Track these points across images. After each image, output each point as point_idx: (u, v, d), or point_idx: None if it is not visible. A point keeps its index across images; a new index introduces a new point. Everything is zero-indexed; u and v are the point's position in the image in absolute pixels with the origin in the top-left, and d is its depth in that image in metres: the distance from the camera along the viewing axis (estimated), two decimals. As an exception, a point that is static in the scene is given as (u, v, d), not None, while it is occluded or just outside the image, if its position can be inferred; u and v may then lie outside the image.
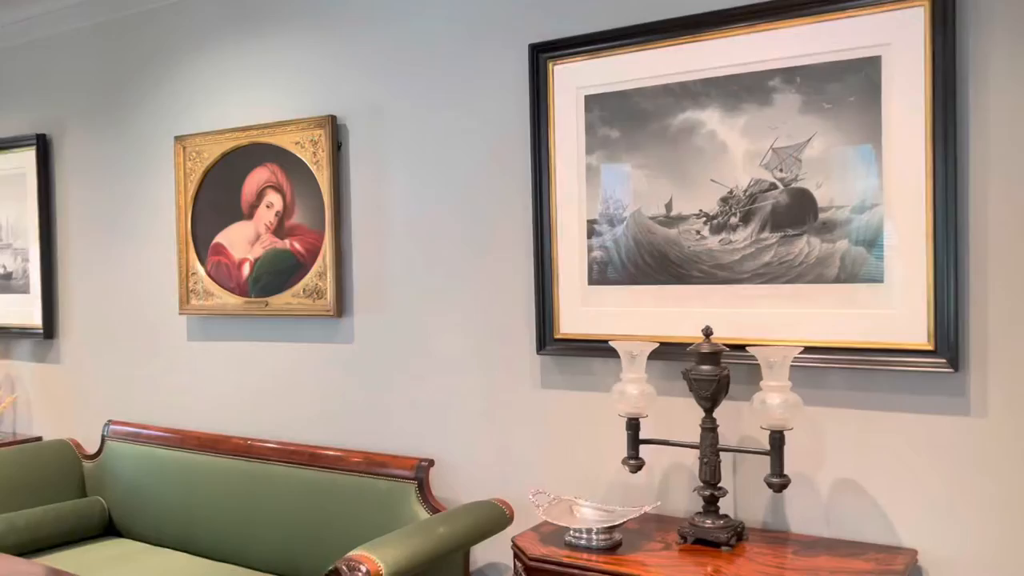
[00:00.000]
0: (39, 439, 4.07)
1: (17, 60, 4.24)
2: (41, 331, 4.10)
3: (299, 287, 3.25)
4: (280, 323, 3.37)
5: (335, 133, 3.14)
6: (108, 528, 3.63)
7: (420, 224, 3.00)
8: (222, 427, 3.52)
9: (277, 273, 3.32)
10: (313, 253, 3.21)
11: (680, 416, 2.48)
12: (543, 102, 2.66)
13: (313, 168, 3.18)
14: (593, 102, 2.58)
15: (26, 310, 4.19)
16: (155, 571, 3.08)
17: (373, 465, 2.95)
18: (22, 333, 4.20)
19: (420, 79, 2.98)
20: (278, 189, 3.31)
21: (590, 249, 2.60)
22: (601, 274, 2.59)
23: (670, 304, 2.47)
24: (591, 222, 2.60)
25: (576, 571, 2.11)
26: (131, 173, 3.81)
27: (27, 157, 4.11)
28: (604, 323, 2.58)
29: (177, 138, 3.54)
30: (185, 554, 3.32)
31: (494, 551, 2.82)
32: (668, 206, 2.47)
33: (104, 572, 3.02)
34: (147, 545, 3.45)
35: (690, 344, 2.28)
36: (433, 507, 2.76)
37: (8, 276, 4.27)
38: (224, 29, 3.48)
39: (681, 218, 2.45)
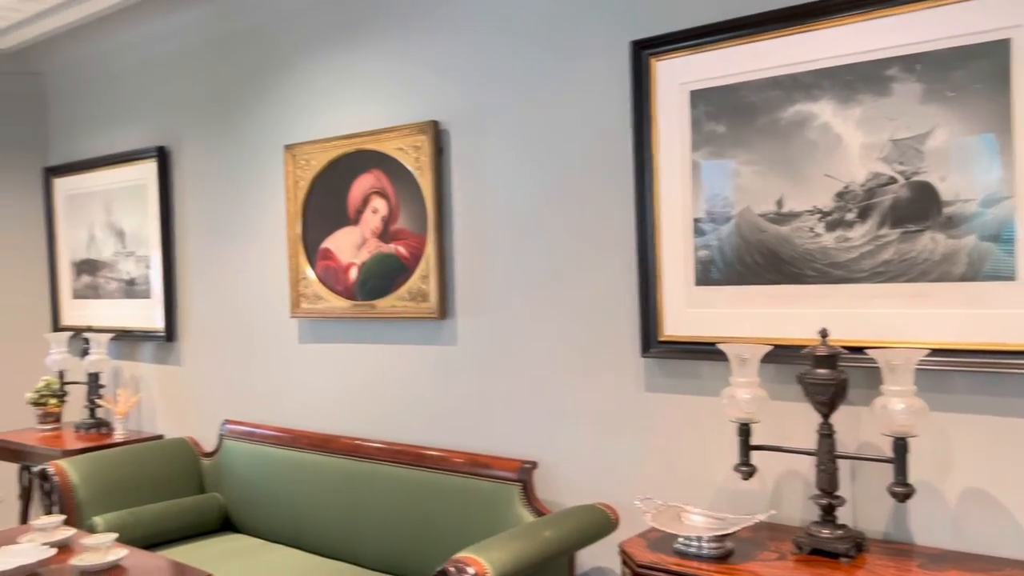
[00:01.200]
0: (160, 437, 4.28)
1: (138, 77, 4.48)
2: (163, 334, 4.31)
3: (403, 290, 3.30)
4: (386, 325, 3.43)
5: (437, 138, 3.17)
6: (225, 523, 3.78)
7: (521, 226, 3.00)
8: (331, 427, 3.61)
9: (382, 276, 3.38)
10: (417, 256, 3.26)
11: (794, 421, 2.39)
12: (645, 99, 2.61)
13: (416, 173, 3.23)
14: (698, 97, 2.52)
15: (148, 314, 4.42)
16: (270, 567, 3.19)
17: (477, 466, 2.97)
18: (145, 336, 4.43)
19: (519, 81, 2.98)
20: (383, 194, 3.37)
21: (696, 248, 2.54)
22: (707, 274, 2.52)
23: (782, 305, 2.39)
24: (697, 221, 2.54)
25: (686, 579, 2.06)
26: (243, 181, 3.96)
27: (148, 169, 4.33)
28: (711, 325, 2.52)
29: (287, 147, 3.66)
30: (298, 551, 3.42)
31: (598, 556, 2.79)
32: (779, 203, 2.39)
33: (222, 566, 3.14)
34: (262, 541, 3.58)
35: (804, 347, 2.19)
36: (537, 510, 2.75)
37: (132, 282, 4.51)
38: (329, 40, 3.57)
39: (793, 215, 2.36)
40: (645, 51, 2.61)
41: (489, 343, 3.10)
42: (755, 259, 2.43)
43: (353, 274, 3.49)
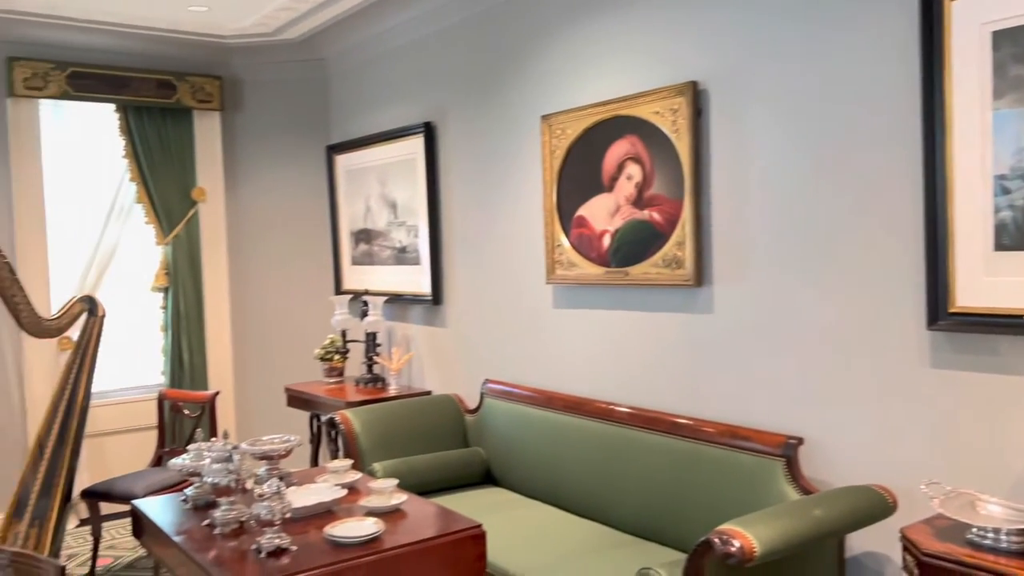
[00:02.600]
0: (429, 393, 4.61)
1: (406, 58, 4.79)
2: (430, 298, 4.63)
3: (658, 257, 3.27)
4: (639, 292, 3.42)
5: (695, 99, 3.08)
6: (486, 477, 4.00)
7: (785, 187, 2.84)
8: (584, 390, 3.68)
9: (636, 243, 3.37)
10: (672, 223, 3.20)
11: (1119, 407, 2.07)
12: (937, 44, 2.35)
13: (672, 137, 3.16)
14: (1002, 38, 2.22)
15: (417, 279, 4.76)
16: (530, 522, 3.33)
17: (736, 438, 2.88)
18: (415, 300, 4.78)
19: (784, 34, 2.80)
20: (637, 160, 3.34)
21: (997, 209, 2.26)
22: (1012, 238, 2.23)
23: (1107, 273, 2.06)
24: (999, 178, 2.25)
25: (981, 574, 1.87)
26: (502, 153, 4.11)
27: (416, 143, 4.63)
28: (1014, 295, 2.23)
29: (543, 117, 3.74)
30: (553, 508, 3.54)
31: (871, 540, 2.61)
32: (1106, 155, 2.05)
33: (486, 518, 3.30)
34: (520, 496, 3.75)
35: None
36: (803, 488, 2.62)
37: (403, 250, 4.87)
38: (583, 7, 3.58)
39: (1125, 169, 2.02)
40: (937, -10, 2.34)
41: (749, 312, 2.99)
42: (1073, 220, 2.11)
43: (606, 241, 3.51)
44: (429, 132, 4.55)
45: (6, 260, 3.92)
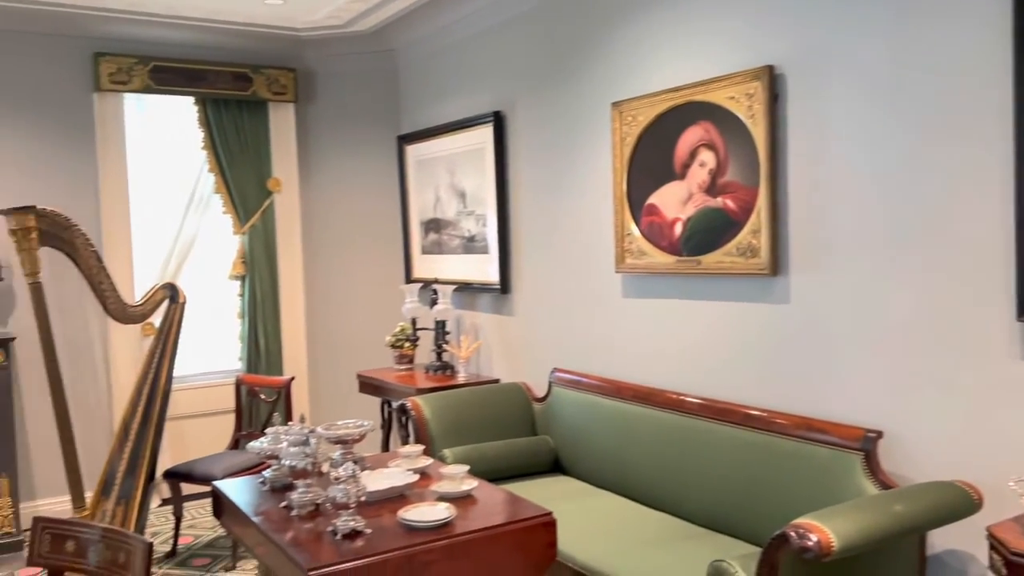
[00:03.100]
0: (497, 381, 4.64)
1: (475, 48, 4.80)
2: (498, 287, 4.65)
3: (731, 245, 3.21)
4: (711, 282, 3.37)
5: (772, 84, 3.01)
6: (554, 465, 4.00)
7: (867, 175, 2.75)
8: (653, 380, 3.65)
9: (709, 232, 3.32)
10: (746, 210, 3.14)
11: None
12: (1032, 22, 2.24)
13: (748, 123, 3.10)
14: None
15: (485, 268, 4.78)
16: (600, 511, 3.33)
17: (812, 431, 2.82)
18: (483, 288, 4.80)
19: (867, 14, 2.71)
20: (711, 147, 3.29)
21: (1096, 195, 2.15)
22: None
23: None
24: (1098, 162, 2.14)
25: (1075, 577, 1.79)
26: (571, 141, 4.09)
27: (485, 133, 4.64)
28: (1114, 285, 2.12)
29: (614, 104, 3.70)
30: (622, 498, 3.53)
31: (954, 538, 2.53)
32: None
33: (555, 506, 3.30)
34: (588, 485, 3.74)
35: None
36: (883, 483, 2.55)
37: (472, 239, 4.90)
38: (657, -8, 3.54)
39: None
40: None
41: (827, 302, 2.91)
42: None
43: (678, 229, 3.47)
44: (498, 121, 4.56)
45: (94, 249, 4.09)
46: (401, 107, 5.65)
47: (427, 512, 2.53)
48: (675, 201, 3.48)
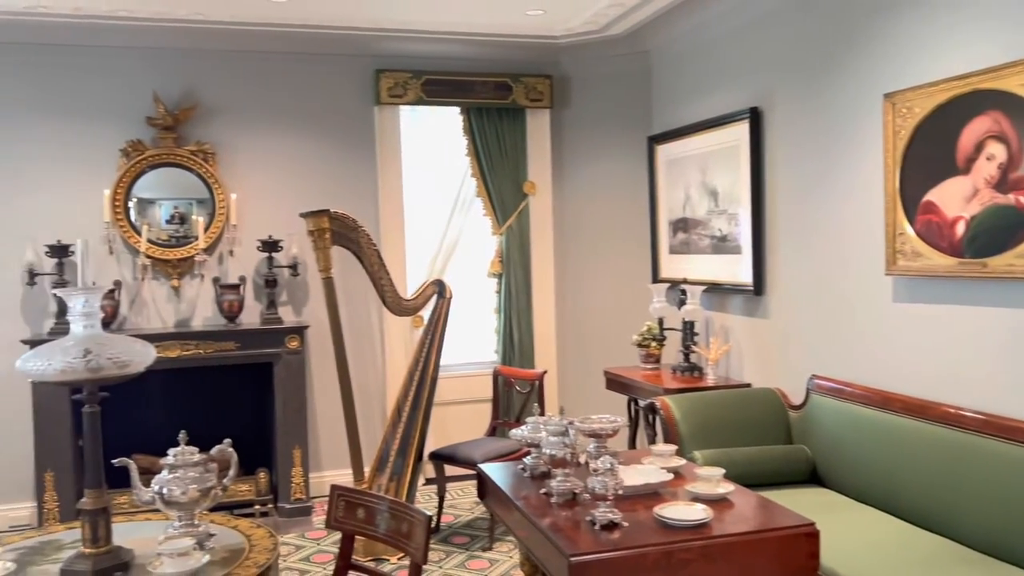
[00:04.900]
0: (748, 386, 4.53)
1: (729, 44, 4.71)
2: (751, 288, 4.53)
3: (1024, 247, 2.90)
4: (999, 286, 3.06)
5: (1081, 67, 2.68)
6: (811, 476, 3.84)
7: None
8: (926, 392, 3.38)
9: (997, 231, 3.02)
10: (1045, 208, 2.82)
11: None
12: None
13: (1049, 111, 2.78)
14: None
15: (736, 268, 4.68)
16: (865, 528, 3.15)
17: None
18: (734, 289, 4.71)
19: None
20: (1001, 139, 2.99)
21: None
22: None
23: None
24: None
25: None
26: (835, 135, 3.90)
27: (740, 130, 4.54)
28: None
29: (886, 95, 3.48)
30: (888, 514, 3.31)
31: None
32: None
33: (814, 517, 3.18)
34: (849, 499, 3.55)
35: None
36: None
37: (723, 239, 4.81)
38: (939, -27, 3.27)
39: None
40: None
41: None
42: None
43: (960, 229, 3.19)
44: (755, 117, 4.44)
45: (376, 248, 4.53)
46: (653, 108, 5.67)
47: (684, 511, 2.54)
48: (957, 198, 3.20)
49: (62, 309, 4.69)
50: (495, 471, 3.23)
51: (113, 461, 2.41)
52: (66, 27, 4.76)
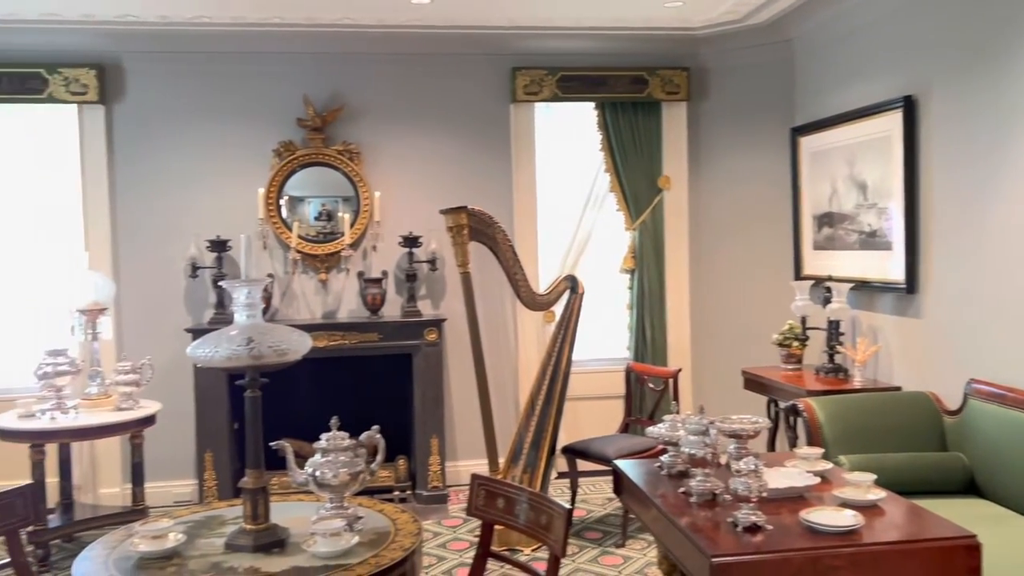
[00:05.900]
0: (898, 389, 4.29)
1: (880, 30, 4.47)
2: (903, 286, 4.29)
3: None
4: None
5: None
6: (968, 486, 3.60)
7: None
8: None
9: None
10: None
11: None
12: None
13: None
14: None
15: (887, 265, 4.44)
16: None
17: None
18: (884, 287, 4.47)
19: None
20: None
21: None
22: None
23: None
24: None
25: None
26: (1003, 125, 3.63)
27: (893, 120, 4.31)
28: None
29: (1061, 80, 3.22)
30: (1058, 532, 3.07)
31: None
32: None
33: (974, 529, 3.00)
34: (1013, 512, 3.31)
35: None
36: None
37: (872, 234, 4.58)
38: None
39: None
40: None
41: None
42: None
43: None
44: (909, 106, 4.20)
45: (510, 243, 4.59)
46: (796, 98, 5.47)
47: (833, 516, 2.45)
48: None
49: (221, 300, 5.03)
50: (631, 468, 3.21)
51: (271, 444, 2.56)
52: (225, 36, 5.09)
